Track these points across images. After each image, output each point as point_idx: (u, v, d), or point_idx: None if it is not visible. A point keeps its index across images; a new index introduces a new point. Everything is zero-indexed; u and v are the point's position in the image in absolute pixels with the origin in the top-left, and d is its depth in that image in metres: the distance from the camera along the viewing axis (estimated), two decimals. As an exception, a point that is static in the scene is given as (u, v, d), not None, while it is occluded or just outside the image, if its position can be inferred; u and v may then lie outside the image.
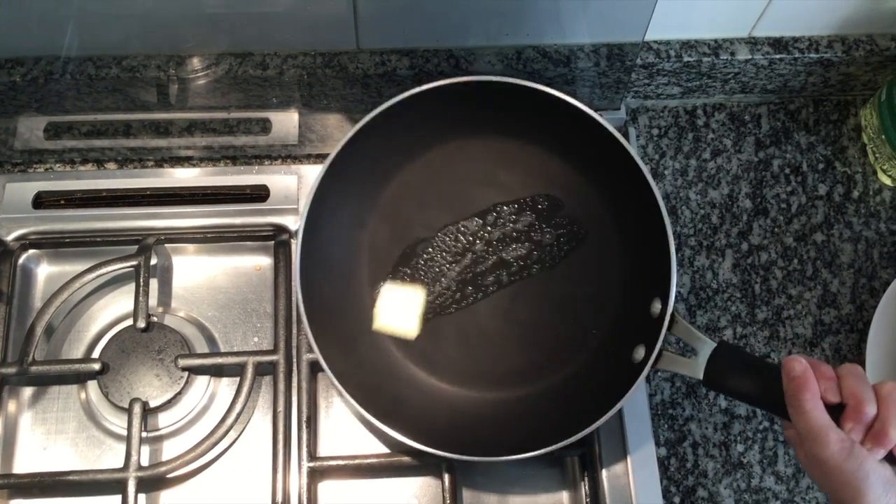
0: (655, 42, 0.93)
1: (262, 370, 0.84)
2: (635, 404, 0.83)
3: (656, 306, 0.76)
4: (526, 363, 0.84)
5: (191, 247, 0.91)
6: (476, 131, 0.86)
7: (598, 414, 0.72)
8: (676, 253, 0.92)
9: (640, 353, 0.75)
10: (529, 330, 0.85)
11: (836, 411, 0.62)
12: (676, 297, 0.90)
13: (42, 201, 0.90)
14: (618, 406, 0.72)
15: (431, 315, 0.85)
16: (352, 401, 0.74)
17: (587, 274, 0.85)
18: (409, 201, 0.87)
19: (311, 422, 0.82)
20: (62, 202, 0.91)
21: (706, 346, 0.69)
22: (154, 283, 0.88)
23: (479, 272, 0.86)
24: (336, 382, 0.74)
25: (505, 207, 0.86)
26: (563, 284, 0.85)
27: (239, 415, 0.81)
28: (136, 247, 0.86)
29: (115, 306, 0.88)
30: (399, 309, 0.84)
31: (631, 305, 0.80)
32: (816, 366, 0.63)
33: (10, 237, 0.88)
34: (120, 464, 0.79)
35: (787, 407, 0.63)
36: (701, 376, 0.68)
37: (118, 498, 0.78)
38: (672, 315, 0.72)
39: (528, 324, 0.85)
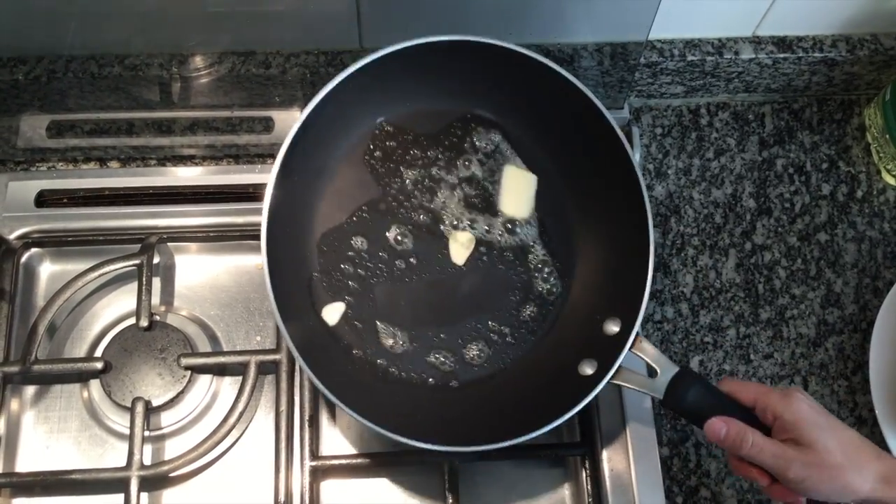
0: (659, 41, 0.93)
1: (265, 369, 0.84)
2: (638, 404, 0.83)
3: (613, 327, 0.76)
4: (477, 346, 0.81)
5: (193, 245, 0.90)
6: (472, 100, 0.83)
7: (545, 422, 0.71)
8: (679, 253, 0.92)
9: (588, 368, 0.75)
10: (480, 303, 0.81)
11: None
12: (679, 297, 0.90)
13: (45, 200, 0.90)
14: (567, 416, 0.71)
15: (377, 284, 0.80)
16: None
17: (542, 270, 0.83)
18: (387, 150, 0.83)
19: (314, 421, 0.82)
20: (65, 201, 0.91)
21: (669, 369, 0.72)
22: (156, 282, 0.88)
23: (436, 245, 0.82)
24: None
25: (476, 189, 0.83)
26: (519, 270, 0.82)
27: (241, 414, 0.81)
28: (139, 246, 0.86)
29: (118, 305, 0.88)
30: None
31: (583, 318, 0.80)
32: (729, 420, 0.69)
33: (12, 236, 0.88)
34: (122, 463, 0.79)
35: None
36: (661, 396, 0.72)
37: (121, 497, 0.77)
38: (636, 335, 0.73)
39: (480, 295, 0.81)
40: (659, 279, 0.91)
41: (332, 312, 0.80)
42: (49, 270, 0.90)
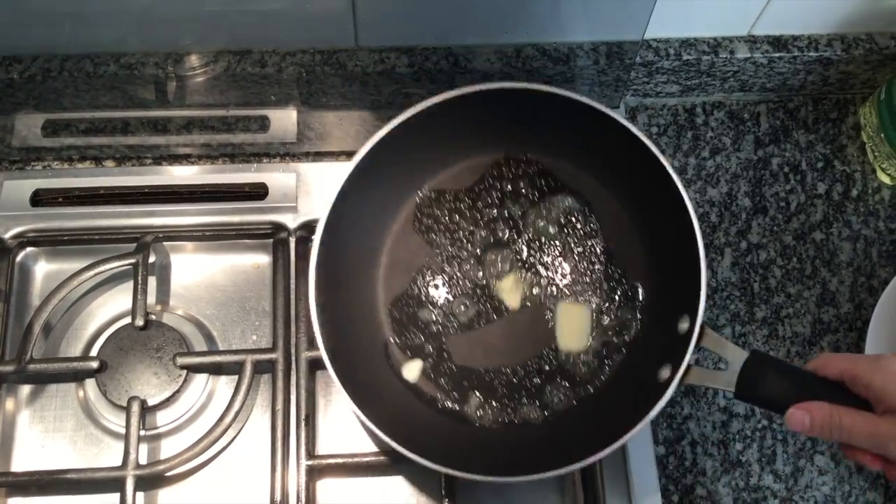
0: (655, 40, 0.93)
1: (261, 368, 0.84)
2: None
3: (683, 325, 0.72)
4: (543, 386, 0.81)
5: (189, 245, 0.90)
6: (507, 143, 0.85)
7: (623, 432, 0.69)
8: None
9: (665, 373, 0.72)
10: (547, 350, 0.82)
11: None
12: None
13: (40, 199, 0.90)
14: (643, 423, 0.68)
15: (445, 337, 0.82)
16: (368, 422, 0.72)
17: (610, 294, 0.82)
18: (434, 216, 0.85)
19: (310, 420, 0.82)
20: (60, 200, 0.90)
21: (738, 357, 0.67)
22: (152, 281, 0.88)
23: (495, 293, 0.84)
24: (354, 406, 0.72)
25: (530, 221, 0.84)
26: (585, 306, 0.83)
27: (237, 413, 0.81)
28: (135, 245, 0.86)
29: (114, 304, 0.88)
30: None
31: (657, 325, 0.78)
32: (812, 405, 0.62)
33: (7, 235, 0.88)
34: (118, 462, 0.79)
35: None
36: (734, 388, 0.66)
37: (116, 496, 0.77)
38: (702, 327, 0.70)
39: (546, 344, 0.82)
40: (655, 278, 0.92)
41: (412, 369, 0.81)
42: (44, 269, 0.90)
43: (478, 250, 0.84)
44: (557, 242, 0.84)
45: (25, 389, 0.85)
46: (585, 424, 0.78)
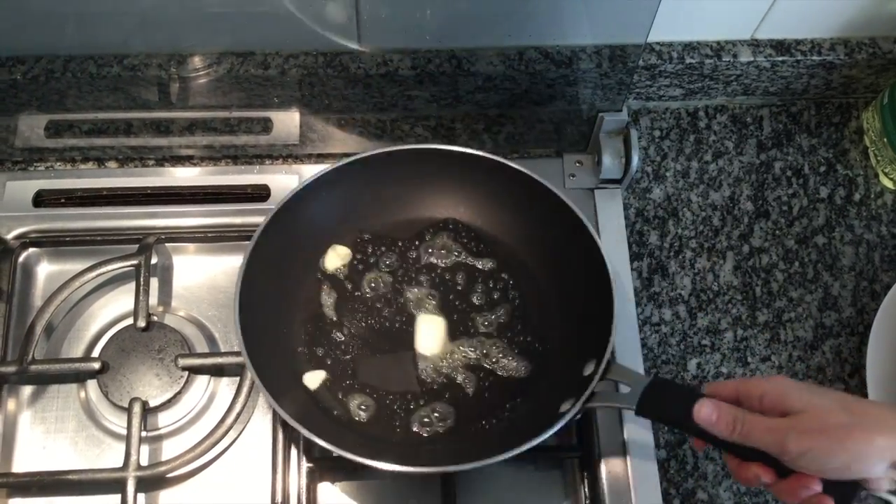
0: (658, 44, 0.93)
1: (262, 370, 0.84)
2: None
3: (589, 368, 0.76)
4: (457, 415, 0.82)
5: (191, 246, 0.90)
6: (440, 203, 0.89)
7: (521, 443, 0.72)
8: (677, 255, 0.92)
9: (566, 406, 0.75)
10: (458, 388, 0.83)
11: None
12: (677, 299, 0.91)
13: (42, 200, 0.90)
14: (537, 440, 0.71)
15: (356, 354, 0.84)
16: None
17: (525, 333, 0.85)
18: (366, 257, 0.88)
19: (311, 422, 0.82)
20: (63, 201, 0.91)
21: (641, 382, 0.71)
22: (154, 283, 0.88)
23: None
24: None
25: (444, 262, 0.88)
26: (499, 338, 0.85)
27: (239, 415, 0.81)
28: (137, 246, 0.86)
29: (116, 305, 0.88)
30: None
31: (564, 371, 0.80)
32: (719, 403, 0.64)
33: (10, 235, 0.88)
34: (119, 463, 0.79)
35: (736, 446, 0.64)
36: (635, 407, 0.70)
37: (117, 497, 0.77)
38: (608, 363, 0.73)
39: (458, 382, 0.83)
40: (657, 281, 0.92)
41: (313, 379, 0.82)
42: (47, 270, 0.90)
43: (398, 292, 0.87)
44: (470, 291, 0.87)
45: (27, 390, 0.85)
46: (491, 441, 0.79)
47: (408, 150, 0.84)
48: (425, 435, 0.80)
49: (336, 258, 0.87)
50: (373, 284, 0.87)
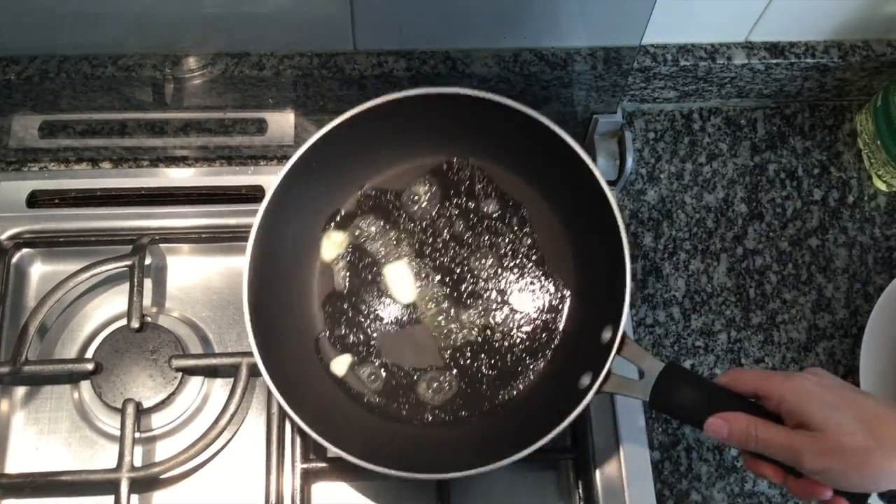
0: (652, 46, 0.93)
1: (256, 371, 0.83)
2: (629, 408, 0.83)
3: (606, 334, 0.74)
4: (474, 389, 0.82)
5: (185, 247, 0.90)
6: (449, 147, 0.86)
7: (545, 433, 0.70)
8: (671, 257, 0.92)
9: (585, 380, 0.73)
10: (477, 355, 0.83)
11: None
12: (671, 300, 0.91)
13: (36, 200, 0.90)
14: (562, 426, 0.70)
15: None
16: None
17: (538, 301, 0.84)
18: (369, 216, 0.86)
19: (305, 423, 0.82)
20: (56, 201, 0.90)
21: (655, 368, 0.68)
22: (148, 283, 0.88)
23: (436, 276, 0.84)
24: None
25: (463, 223, 0.85)
26: (512, 312, 0.84)
27: (233, 416, 0.81)
28: (131, 247, 0.86)
29: (109, 306, 0.88)
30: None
31: (581, 333, 0.80)
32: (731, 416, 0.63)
33: (3, 236, 0.88)
34: (113, 464, 0.79)
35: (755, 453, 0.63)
36: (647, 397, 0.68)
37: (111, 498, 0.77)
38: (623, 337, 0.71)
39: (476, 348, 0.83)
40: (651, 283, 0.92)
41: (341, 364, 0.82)
42: (40, 271, 0.90)
43: (413, 252, 0.85)
44: (492, 248, 0.85)
45: (20, 391, 0.85)
46: (506, 427, 0.79)
47: (418, 96, 0.79)
48: (437, 404, 0.80)
49: (332, 247, 0.85)
50: (382, 250, 0.85)
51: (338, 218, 0.86)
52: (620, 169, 0.90)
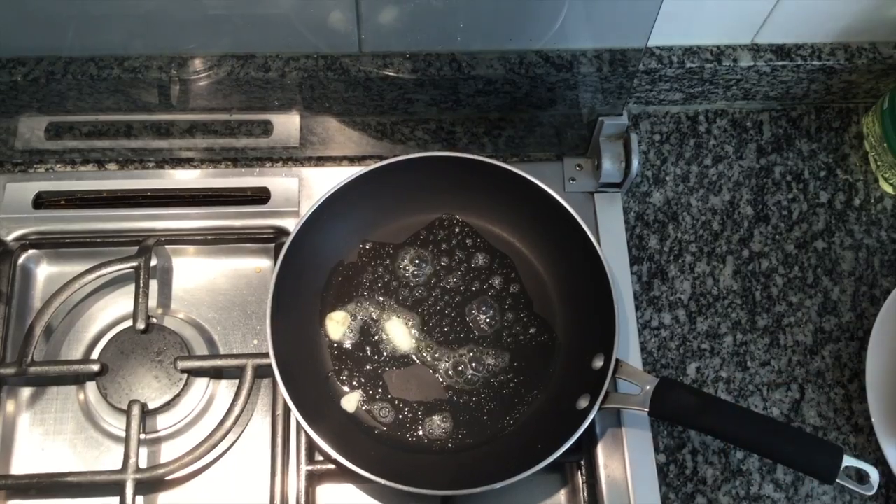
0: (658, 48, 0.93)
1: (261, 372, 0.84)
2: (634, 412, 0.83)
3: (598, 362, 0.80)
4: (475, 419, 0.84)
5: (191, 248, 0.90)
6: (442, 205, 0.91)
7: (545, 455, 0.75)
8: (676, 259, 0.92)
9: (583, 402, 0.79)
10: (476, 392, 0.86)
11: None
12: (677, 303, 0.91)
13: (42, 201, 0.90)
14: (561, 449, 0.75)
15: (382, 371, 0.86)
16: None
17: (529, 339, 0.88)
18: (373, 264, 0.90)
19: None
20: (62, 202, 0.91)
21: (650, 382, 0.77)
22: (154, 285, 0.88)
23: (433, 325, 0.88)
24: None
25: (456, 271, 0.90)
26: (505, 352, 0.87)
27: (238, 417, 0.81)
28: (137, 248, 0.86)
29: (115, 307, 0.88)
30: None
31: (573, 363, 0.85)
32: None
33: (10, 237, 0.88)
34: (118, 465, 0.79)
35: None
36: (647, 408, 0.76)
37: (116, 499, 0.77)
38: (616, 362, 0.78)
39: (474, 387, 0.86)
40: (656, 285, 0.92)
41: (351, 401, 0.84)
42: (46, 272, 0.90)
43: (411, 302, 0.88)
44: (482, 294, 0.89)
45: (26, 392, 0.85)
46: (510, 449, 0.82)
47: (429, 158, 0.87)
48: (441, 435, 0.83)
49: (337, 326, 0.86)
50: (382, 306, 0.88)
51: (339, 277, 0.89)
52: (626, 171, 0.90)
